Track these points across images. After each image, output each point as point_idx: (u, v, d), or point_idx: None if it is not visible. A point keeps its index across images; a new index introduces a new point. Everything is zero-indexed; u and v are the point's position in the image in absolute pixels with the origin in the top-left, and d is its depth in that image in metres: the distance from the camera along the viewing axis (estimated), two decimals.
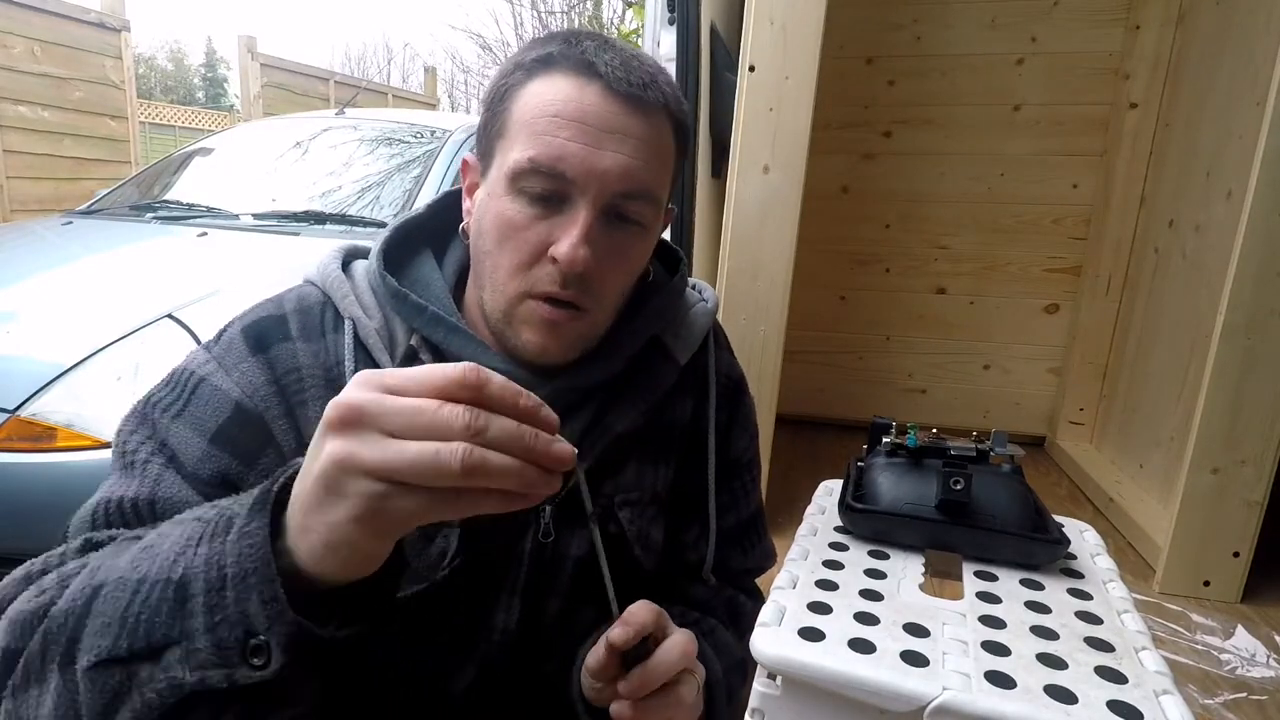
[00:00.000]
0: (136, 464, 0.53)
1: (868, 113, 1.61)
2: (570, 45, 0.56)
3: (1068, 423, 1.56)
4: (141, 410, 0.55)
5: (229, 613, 0.34)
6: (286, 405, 0.56)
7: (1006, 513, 0.53)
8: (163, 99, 17.74)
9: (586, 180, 0.54)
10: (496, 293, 0.57)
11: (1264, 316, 0.91)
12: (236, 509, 0.37)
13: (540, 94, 0.55)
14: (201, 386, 0.56)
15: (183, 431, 0.54)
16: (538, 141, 0.53)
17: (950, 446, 0.58)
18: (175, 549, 0.37)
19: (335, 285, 0.61)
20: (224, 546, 0.35)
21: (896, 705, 0.38)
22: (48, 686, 0.38)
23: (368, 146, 3.02)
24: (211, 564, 0.35)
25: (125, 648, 0.36)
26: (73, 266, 2.16)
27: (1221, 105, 1.15)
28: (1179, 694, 0.38)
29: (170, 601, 0.35)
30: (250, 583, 0.34)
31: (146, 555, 0.38)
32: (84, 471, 1.58)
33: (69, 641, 0.38)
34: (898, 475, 0.57)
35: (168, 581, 0.36)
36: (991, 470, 0.56)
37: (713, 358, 0.67)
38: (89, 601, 0.38)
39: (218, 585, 0.35)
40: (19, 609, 0.41)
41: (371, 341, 0.59)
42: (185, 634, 0.35)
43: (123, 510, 0.51)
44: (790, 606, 0.45)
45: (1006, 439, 0.60)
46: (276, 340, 0.58)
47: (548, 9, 11.84)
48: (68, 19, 4.83)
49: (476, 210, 0.59)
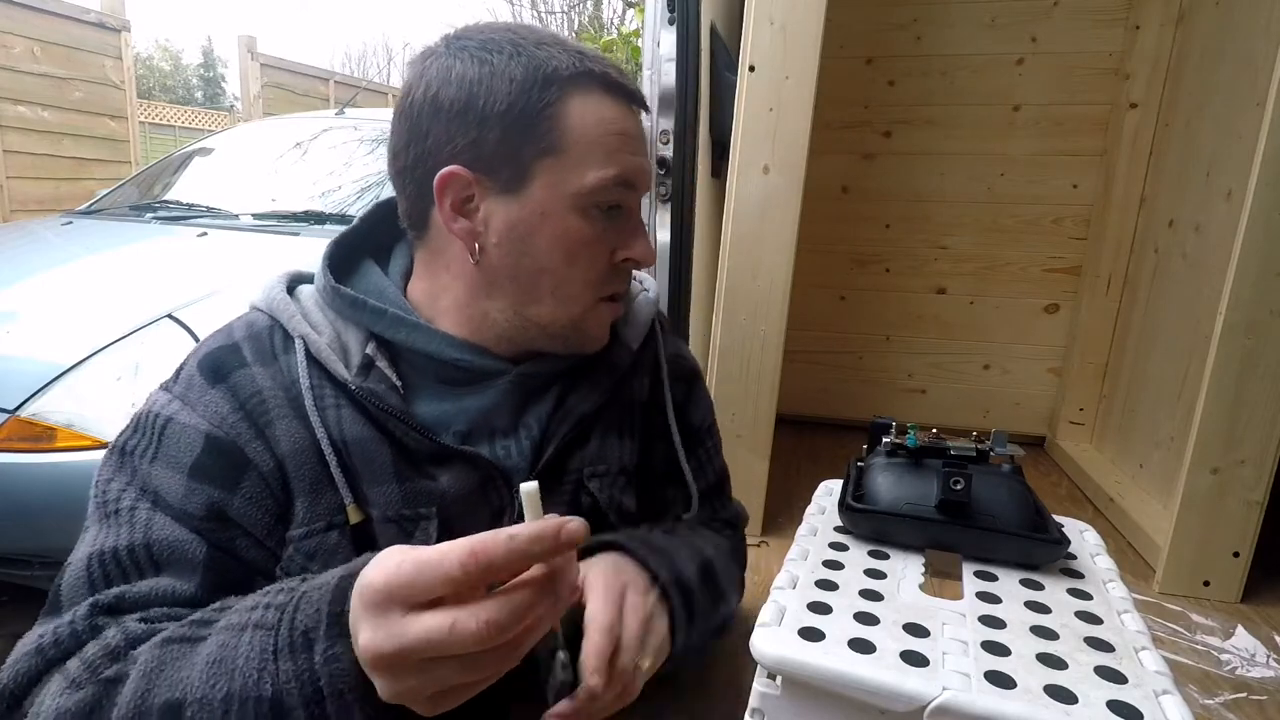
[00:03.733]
0: (121, 512, 0.54)
1: (868, 113, 1.61)
2: (580, 58, 0.58)
3: (1068, 423, 1.56)
4: (116, 460, 0.57)
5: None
6: (255, 428, 0.57)
7: (1006, 513, 0.53)
8: (162, 99, 17.74)
9: (642, 187, 0.60)
10: (568, 303, 0.60)
11: (1264, 316, 0.90)
12: (308, 619, 0.40)
13: (595, 113, 0.57)
14: (169, 426, 0.56)
15: (160, 472, 0.55)
16: (615, 160, 0.57)
17: (950, 446, 0.58)
18: (254, 664, 0.40)
19: (281, 307, 0.61)
20: (311, 664, 0.39)
21: (896, 705, 0.38)
22: None
23: (368, 146, 3.02)
24: (304, 681, 0.39)
25: None
26: (73, 266, 2.16)
27: (1221, 105, 1.15)
28: (1179, 694, 0.38)
29: (269, 717, 0.39)
30: (348, 699, 0.38)
31: (220, 671, 0.40)
32: (84, 472, 1.58)
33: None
34: (897, 475, 0.57)
35: (260, 699, 0.39)
36: (991, 470, 0.56)
37: (661, 341, 0.73)
38: (170, 718, 0.40)
39: (314, 699, 0.39)
40: (60, 706, 0.43)
41: (325, 355, 0.59)
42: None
43: (118, 560, 0.51)
44: (790, 606, 0.45)
45: (1006, 439, 0.60)
46: (233, 368, 0.59)
47: (548, 9, 11.84)
48: (68, 19, 4.83)
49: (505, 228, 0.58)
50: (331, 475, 0.56)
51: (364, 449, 0.57)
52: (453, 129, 0.57)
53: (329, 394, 0.58)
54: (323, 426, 0.57)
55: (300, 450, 0.56)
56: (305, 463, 0.56)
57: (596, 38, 7.40)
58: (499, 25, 0.60)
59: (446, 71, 0.57)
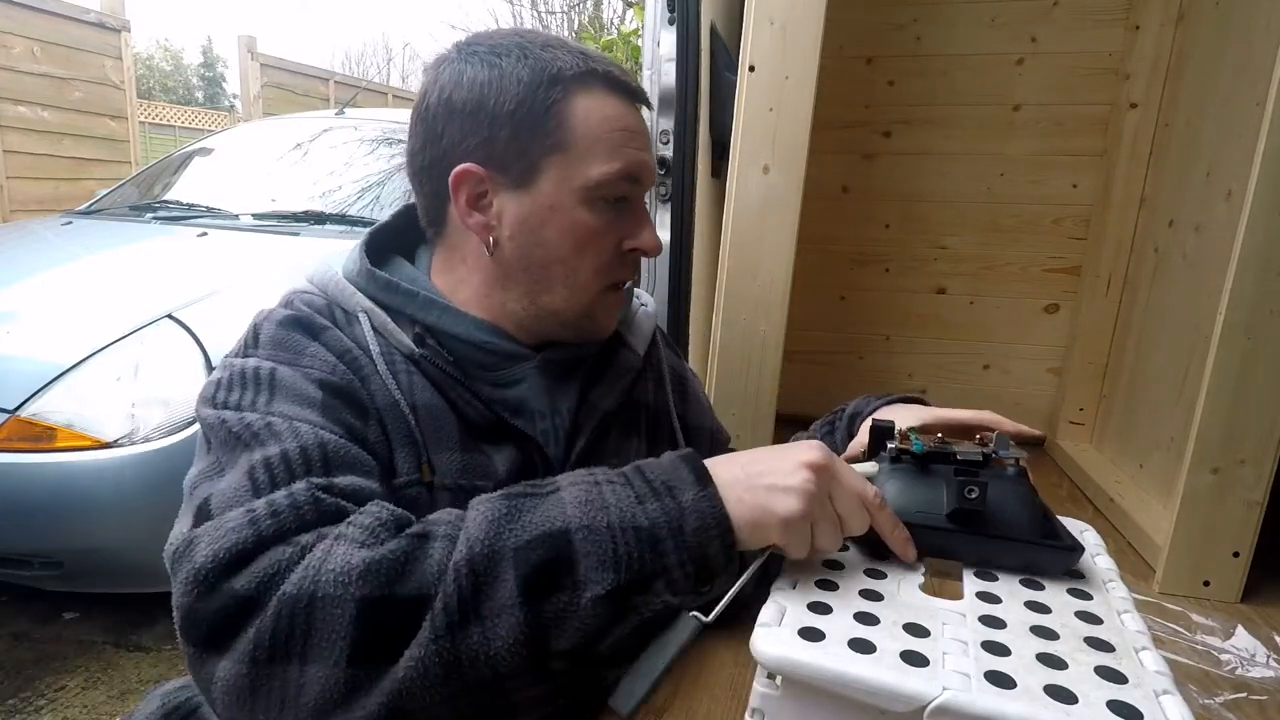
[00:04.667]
0: (275, 426, 0.51)
1: (868, 113, 1.61)
2: (584, 59, 0.61)
3: (1068, 423, 1.56)
4: (219, 414, 0.53)
5: (693, 553, 0.45)
6: (358, 378, 0.59)
7: (1017, 520, 0.52)
8: (162, 99, 17.74)
9: (647, 181, 0.64)
10: (579, 292, 0.64)
11: (1264, 316, 0.90)
12: (665, 476, 0.48)
13: (599, 110, 0.61)
14: (277, 374, 0.56)
15: (287, 408, 0.53)
16: (620, 155, 0.61)
17: (956, 451, 0.56)
18: (626, 504, 0.46)
19: (338, 286, 0.65)
20: (678, 504, 0.46)
21: (896, 705, 0.38)
22: (500, 620, 0.43)
23: (368, 146, 3.02)
24: (671, 517, 0.46)
25: (626, 580, 0.44)
26: (73, 266, 2.17)
27: (1221, 105, 1.15)
28: (1179, 694, 0.38)
29: (648, 544, 0.45)
30: (712, 534, 0.46)
31: (597, 508, 0.46)
32: (84, 471, 1.58)
33: (531, 578, 0.43)
34: (904, 482, 0.55)
35: (639, 529, 0.45)
36: (999, 475, 0.55)
37: (662, 352, 0.80)
38: (555, 544, 0.44)
39: (678, 532, 0.45)
40: (365, 558, 0.43)
41: (389, 328, 0.62)
42: (664, 569, 0.45)
43: (289, 463, 0.49)
44: (790, 606, 0.45)
45: (1009, 441, 0.58)
46: (321, 328, 0.61)
47: (548, 9, 11.84)
48: (68, 19, 4.83)
49: (518, 221, 0.62)
50: (414, 434, 0.59)
51: (433, 415, 0.61)
52: (466, 129, 0.60)
53: (399, 360, 0.62)
54: (398, 389, 0.60)
55: (391, 406, 0.59)
56: (397, 418, 0.59)
57: (596, 38, 7.40)
58: (507, 31, 0.64)
59: (459, 75, 0.61)
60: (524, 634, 0.42)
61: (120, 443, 1.61)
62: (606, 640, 0.45)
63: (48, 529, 1.61)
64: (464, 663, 0.42)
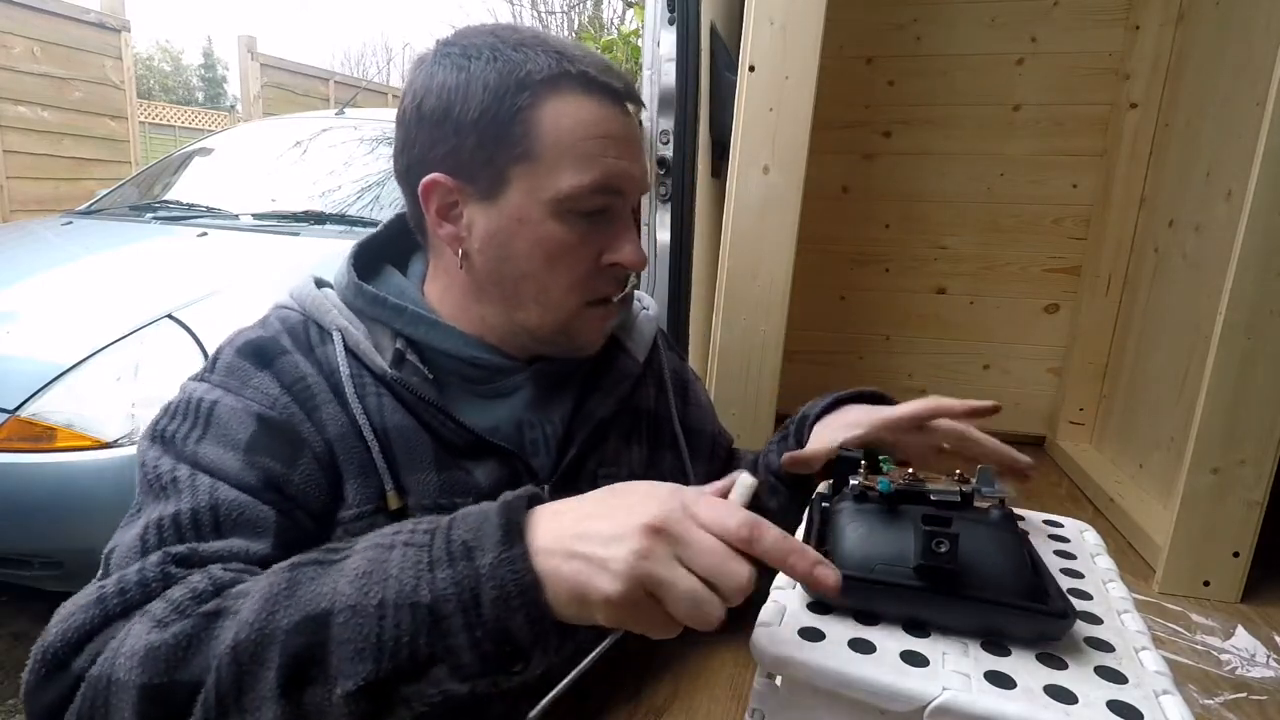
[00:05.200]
0: (180, 481, 0.51)
1: (868, 113, 1.61)
2: (561, 58, 0.56)
3: (1068, 423, 1.56)
4: (159, 447, 0.54)
5: (489, 629, 0.38)
6: (305, 410, 0.57)
7: (997, 577, 0.43)
8: (162, 99, 17.74)
9: (631, 191, 0.60)
10: (552, 309, 0.60)
11: (1264, 316, 0.90)
12: (466, 535, 0.40)
13: (571, 115, 0.56)
14: (217, 409, 0.55)
15: (213, 450, 0.53)
16: (593, 164, 0.56)
17: (930, 490, 0.49)
18: (409, 574, 0.39)
19: (315, 302, 0.63)
20: (472, 571, 0.39)
21: (896, 705, 0.38)
22: (261, 713, 0.39)
23: (368, 146, 3.02)
24: (462, 588, 0.38)
25: (390, 669, 0.38)
26: (73, 266, 2.16)
27: (1221, 105, 1.15)
28: (1179, 694, 0.38)
29: (425, 624, 0.38)
30: (513, 604, 0.38)
31: (373, 582, 0.40)
32: (84, 471, 1.58)
33: (290, 668, 0.38)
34: (868, 528, 0.47)
35: (415, 605, 0.38)
36: (978, 519, 0.47)
37: (664, 357, 0.77)
38: (314, 629, 0.39)
39: (472, 607, 0.38)
40: (148, 641, 0.41)
41: (362, 348, 0.60)
42: (448, 651, 0.38)
43: (179, 525, 0.49)
44: (790, 606, 0.45)
45: (994, 475, 0.50)
46: (277, 354, 0.59)
47: (547, 9, 11.84)
48: (68, 19, 4.83)
49: (487, 234, 0.59)
50: (374, 461, 0.57)
51: (405, 437, 0.59)
52: (434, 137, 0.58)
53: (369, 383, 0.60)
54: (364, 414, 0.58)
55: (346, 434, 0.57)
56: (352, 446, 0.57)
57: (596, 38, 7.39)
58: (485, 28, 0.60)
59: (430, 79, 0.58)
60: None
61: (120, 443, 1.61)
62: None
63: (48, 529, 1.60)
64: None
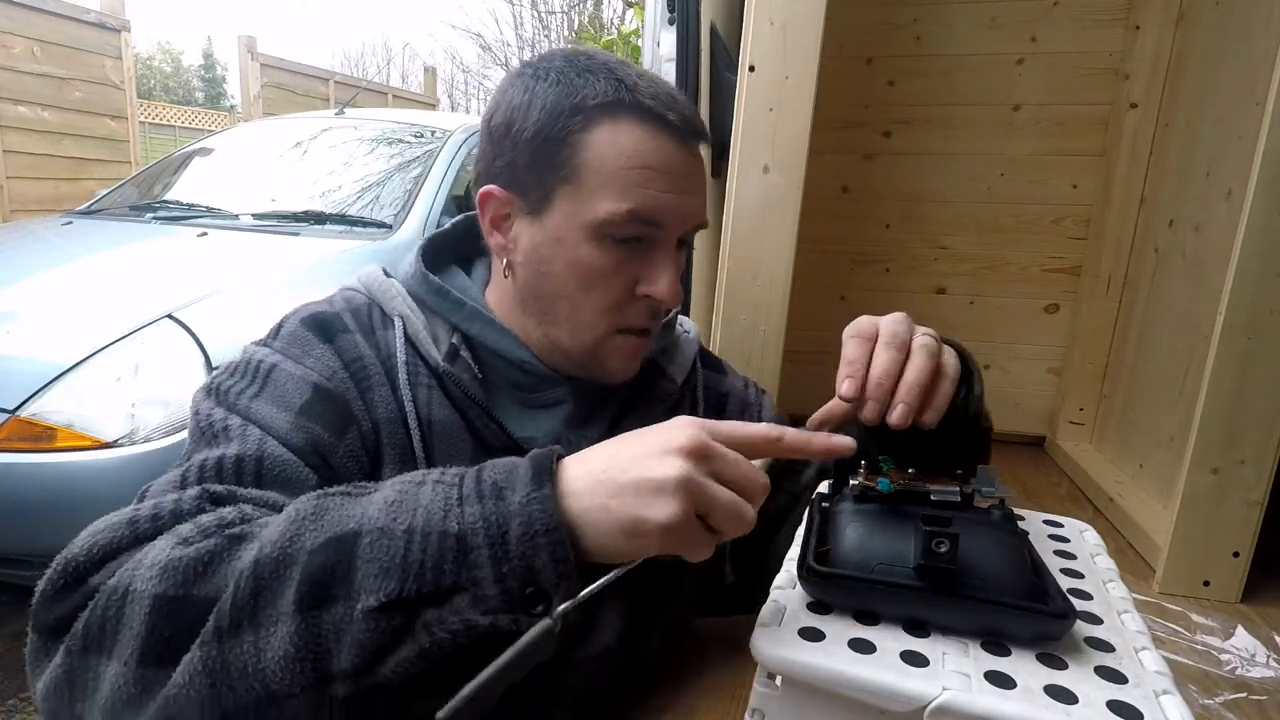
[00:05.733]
0: (232, 429, 0.52)
1: (868, 113, 1.61)
2: (620, 86, 0.58)
3: (1068, 423, 1.56)
4: (213, 399, 0.55)
5: (514, 565, 0.38)
6: (358, 389, 0.59)
7: (997, 577, 0.43)
8: (163, 99, 17.74)
9: (674, 225, 0.60)
10: (582, 331, 0.62)
11: (1264, 316, 0.90)
12: (497, 476, 0.41)
13: (618, 144, 0.57)
14: (275, 372, 0.57)
15: (265, 408, 0.54)
16: (634, 194, 0.57)
17: (930, 490, 0.49)
18: (438, 507, 0.40)
19: (382, 288, 0.65)
20: (502, 508, 0.39)
21: (896, 705, 0.38)
22: (274, 630, 0.38)
23: (367, 146, 3.02)
24: (490, 522, 0.39)
25: (414, 590, 0.38)
26: (73, 266, 2.17)
27: (1221, 105, 1.15)
28: (1179, 694, 0.38)
29: (452, 552, 0.39)
30: (540, 542, 0.39)
31: (402, 509, 0.40)
32: (84, 471, 1.58)
33: (310, 585, 0.38)
34: (868, 527, 0.47)
35: (444, 534, 0.39)
36: (979, 519, 0.47)
37: (700, 376, 0.78)
38: (339, 549, 0.39)
39: (499, 540, 0.39)
40: (170, 556, 0.40)
41: (420, 337, 0.62)
42: (472, 581, 0.38)
43: (221, 468, 0.49)
44: (790, 607, 0.45)
45: (995, 477, 0.50)
46: (339, 331, 0.61)
47: (548, 9, 11.84)
48: (68, 19, 4.83)
49: (530, 249, 0.61)
50: (414, 450, 0.59)
51: (448, 432, 0.60)
52: (497, 150, 0.61)
53: (422, 374, 0.62)
54: (413, 403, 0.60)
55: (393, 420, 0.59)
56: (396, 432, 0.59)
57: (596, 38, 7.40)
58: (562, 52, 0.63)
59: (503, 95, 0.61)
60: (295, 646, 0.38)
61: (120, 443, 1.61)
62: (388, 662, 0.38)
63: (48, 529, 1.60)
64: (233, 674, 0.38)
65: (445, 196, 2.71)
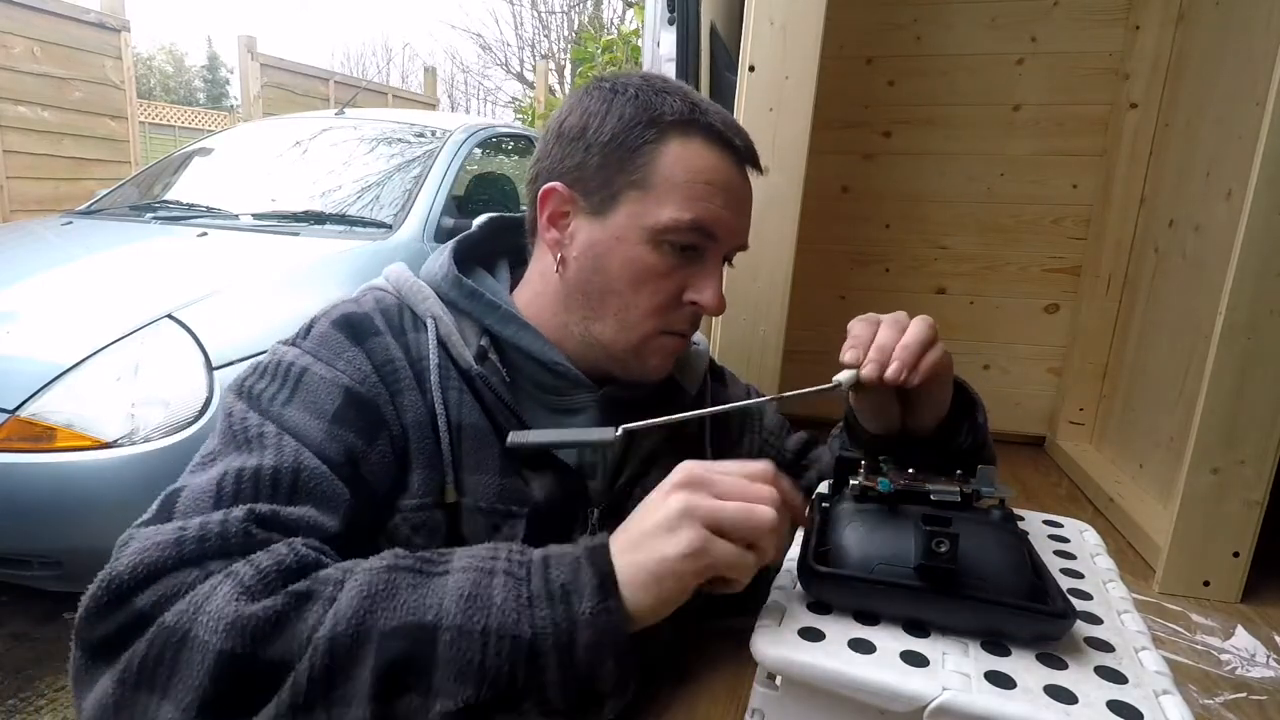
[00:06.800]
0: (266, 437, 0.52)
1: (868, 113, 1.61)
2: (695, 109, 0.63)
3: (1068, 423, 1.56)
4: (245, 402, 0.55)
5: (579, 672, 0.41)
6: (389, 392, 0.59)
7: (997, 577, 0.43)
8: (163, 99, 17.74)
9: (726, 239, 0.65)
10: (629, 328, 0.64)
11: (1264, 316, 0.90)
12: (564, 578, 0.43)
13: (688, 159, 0.62)
14: (306, 375, 0.57)
15: (298, 415, 0.54)
16: (696, 206, 0.61)
17: (930, 490, 0.49)
18: (511, 605, 0.42)
19: (413, 289, 0.66)
20: (571, 615, 0.42)
21: (896, 705, 0.38)
22: (346, 713, 0.40)
23: (367, 146, 3.02)
24: (560, 629, 0.41)
25: (489, 696, 0.40)
26: (73, 266, 2.17)
27: (1221, 105, 1.15)
28: (1179, 694, 0.38)
29: (524, 657, 0.41)
30: (606, 654, 0.41)
31: (477, 607, 0.42)
32: (84, 471, 1.58)
33: (387, 671, 0.40)
34: (869, 527, 0.47)
35: (517, 639, 0.41)
36: (979, 519, 0.47)
37: (709, 388, 0.81)
38: (417, 639, 0.41)
39: (566, 647, 0.41)
40: (236, 609, 0.41)
41: (453, 339, 0.63)
42: (541, 686, 0.41)
43: (259, 480, 0.50)
44: (790, 606, 0.45)
45: (995, 477, 0.50)
46: (370, 333, 0.61)
47: (548, 9, 11.85)
48: (68, 19, 4.83)
49: (586, 245, 0.64)
50: (442, 454, 0.59)
51: (477, 436, 0.61)
52: (566, 151, 0.64)
53: (453, 376, 0.62)
54: (443, 406, 0.60)
55: (422, 423, 0.60)
56: (425, 437, 0.60)
57: (597, 38, 7.40)
58: (639, 73, 0.67)
59: (578, 102, 0.65)
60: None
61: (120, 443, 1.61)
62: None
63: (48, 529, 1.60)
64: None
65: (445, 196, 2.70)
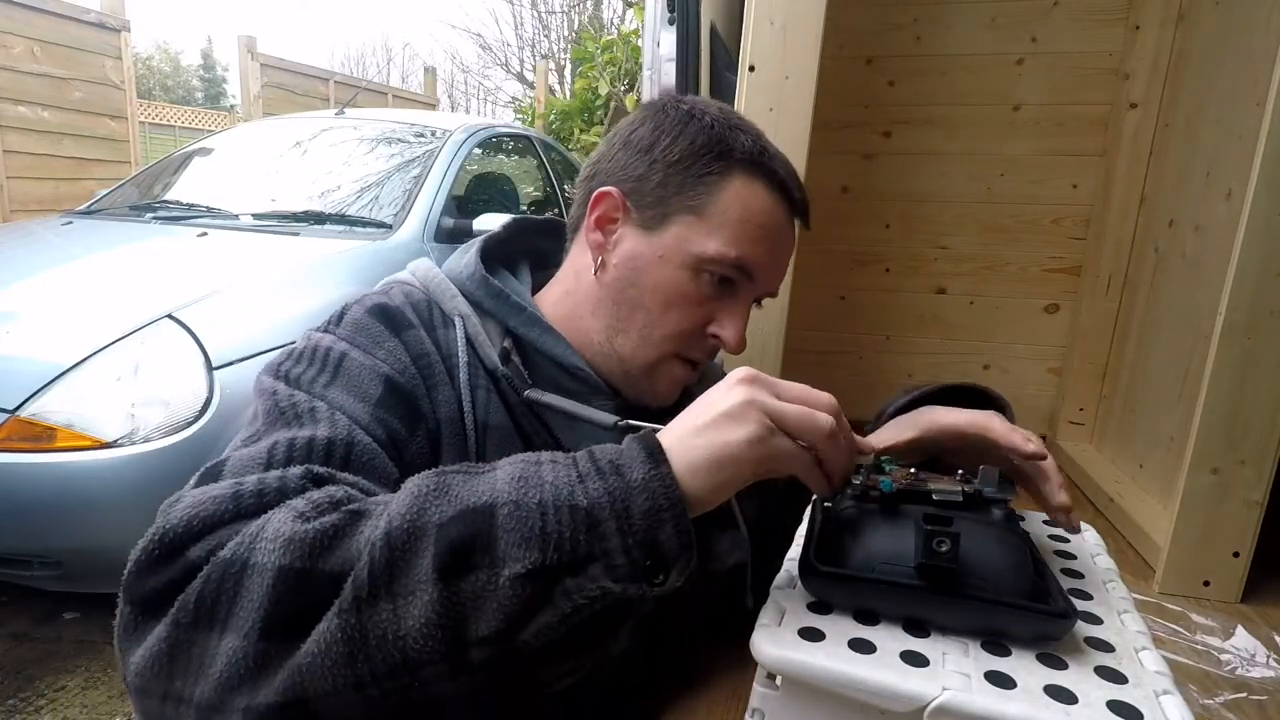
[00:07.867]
0: (318, 411, 0.52)
1: (868, 113, 1.61)
2: (764, 153, 0.64)
3: (1068, 423, 1.56)
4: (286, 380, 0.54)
5: (640, 538, 0.41)
6: (426, 386, 0.59)
7: (999, 577, 0.43)
8: (162, 99, 17.74)
9: (762, 283, 0.65)
10: (646, 345, 0.65)
11: (1264, 316, 0.90)
12: (611, 455, 0.44)
13: (747, 199, 0.63)
14: (346, 360, 0.56)
15: (342, 397, 0.54)
16: (743, 245, 0.62)
17: (932, 490, 0.49)
18: (563, 481, 0.42)
19: (441, 285, 0.66)
20: (625, 483, 0.42)
21: (896, 705, 0.38)
22: (413, 599, 0.39)
23: (367, 146, 3.03)
24: (615, 497, 0.41)
25: (555, 559, 0.40)
26: (73, 266, 2.17)
27: (1221, 105, 1.15)
28: (1179, 694, 0.38)
29: (584, 525, 0.41)
30: (664, 517, 0.41)
31: (529, 485, 0.42)
32: (84, 471, 1.58)
33: (449, 554, 0.40)
34: (870, 526, 0.47)
35: (574, 508, 0.41)
36: (981, 519, 0.47)
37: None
38: (476, 519, 0.41)
39: (623, 514, 0.41)
40: (295, 530, 0.41)
41: (480, 339, 0.63)
42: (604, 552, 0.40)
43: (313, 448, 0.49)
44: (790, 606, 0.45)
45: (998, 476, 0.49)
46: (406, 326, 0.61)
47: (548, 9, 11.85)
48: (68, 19, 4.83)
49: (628, 255, 0.64)
50: (469, 452, 0.59)
51: (502, 437, 0.61)
52: (630, 160, 0.65)
53: (481, 376, 0.63)
54: (471, 404, 0.61)
55: (454, 420, 0.60)
56: (455, 434, 0.60)
57: (596, 38, 7.40)
58: (720, 105, 0.68)
59: (654, 117, 0.66)
60: (437, 613, 0.39)
61: (120, 443, 1.61)
62: (530, 628, 0.40)
63: (48, 529, 1.61)
64: (371, 641, 0.38)
65: (445, 196, 2.71)
